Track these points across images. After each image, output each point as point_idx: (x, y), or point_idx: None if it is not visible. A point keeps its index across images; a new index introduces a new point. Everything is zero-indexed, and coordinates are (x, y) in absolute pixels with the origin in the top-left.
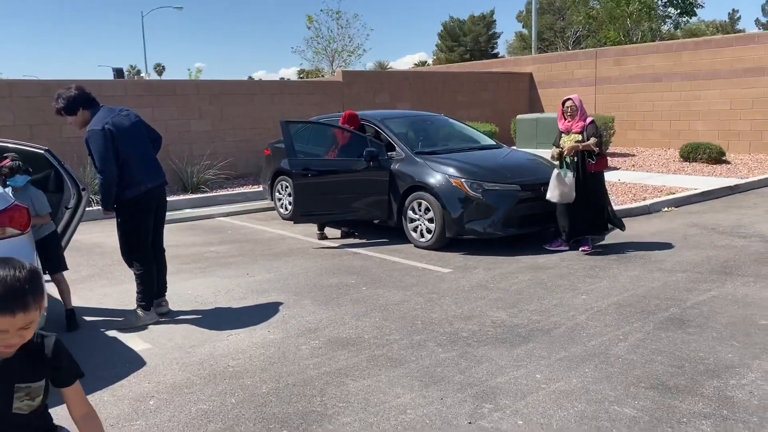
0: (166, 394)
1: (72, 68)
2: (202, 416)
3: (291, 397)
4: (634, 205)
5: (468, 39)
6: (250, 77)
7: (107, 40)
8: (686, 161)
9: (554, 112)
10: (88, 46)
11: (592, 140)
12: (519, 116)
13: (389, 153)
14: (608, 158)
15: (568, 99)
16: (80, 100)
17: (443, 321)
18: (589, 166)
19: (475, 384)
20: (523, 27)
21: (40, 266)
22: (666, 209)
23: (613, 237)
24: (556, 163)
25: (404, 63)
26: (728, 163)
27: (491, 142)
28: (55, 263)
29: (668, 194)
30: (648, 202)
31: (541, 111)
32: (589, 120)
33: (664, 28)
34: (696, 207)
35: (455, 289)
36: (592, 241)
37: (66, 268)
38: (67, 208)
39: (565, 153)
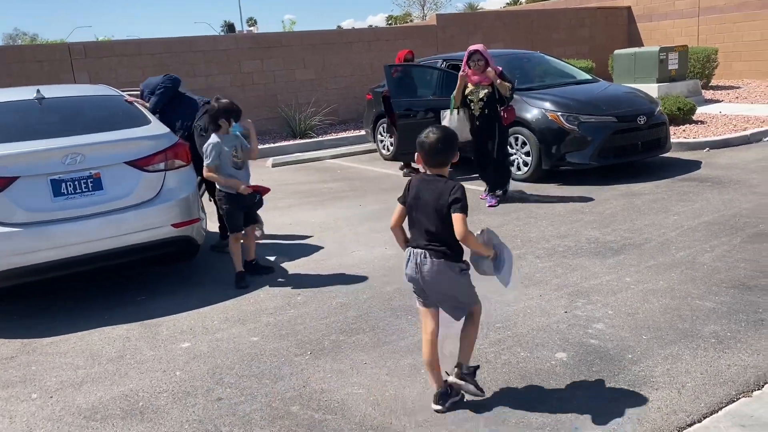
0: (309, 292)
1: (168, 26)
2: (341, 307)
3: (412, 295)
4: (733, 135)
5: None
6: (338, 26)
7: None
8: None
9: (655, 46)
10: (177, 3)
11: (507, 85)
12: (616, 51)
13: None
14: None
15: (476, 52)
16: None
17: (540, 239)
18: (503, 120)
19: (570, 285)
20: None
21: (200, 195)
22: (767, 139)
23: (709, 166)
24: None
25: (495, 2)
26: None
27: (588, 76)
28: (251, 217)
29: None
30: (748, 132)
31: (640, 45)
32: (499, 69)
33: None
34: None
35: (551, 213)
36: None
37: (252, 222)
38: None
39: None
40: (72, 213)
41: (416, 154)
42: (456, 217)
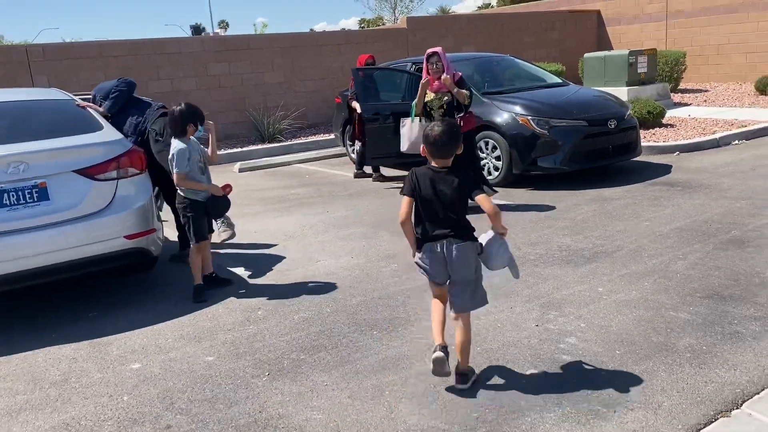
0: (270, 305)
1: (139, 28)
2: (304, 322)
3: (377, 308)
4: (702, 138)
5: None
6: (311, 29)
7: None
8: (762, 94)
9: (624, 50)
10: (147, 6)
11: (465, 92)
12: (586, 54)
13: None
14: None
15: (434, 54)
16: None
17: (511, 247)
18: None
19: (542, 296)
20: None
21: (156, 207)
22: (736, 142)
23: (679, 170)
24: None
25: (467, 6)
26: None
27: (558, 80)
28: (210, 226)
29: (739, 128)
30: (717, 135)
31: (610, 49)
32: (458, 75)
33: None
34: None
35: (523, 220)
36: None
37: (212, 230)
38: None
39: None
40: (15, 225)
41: (421, 146)
42: (482, 198)
